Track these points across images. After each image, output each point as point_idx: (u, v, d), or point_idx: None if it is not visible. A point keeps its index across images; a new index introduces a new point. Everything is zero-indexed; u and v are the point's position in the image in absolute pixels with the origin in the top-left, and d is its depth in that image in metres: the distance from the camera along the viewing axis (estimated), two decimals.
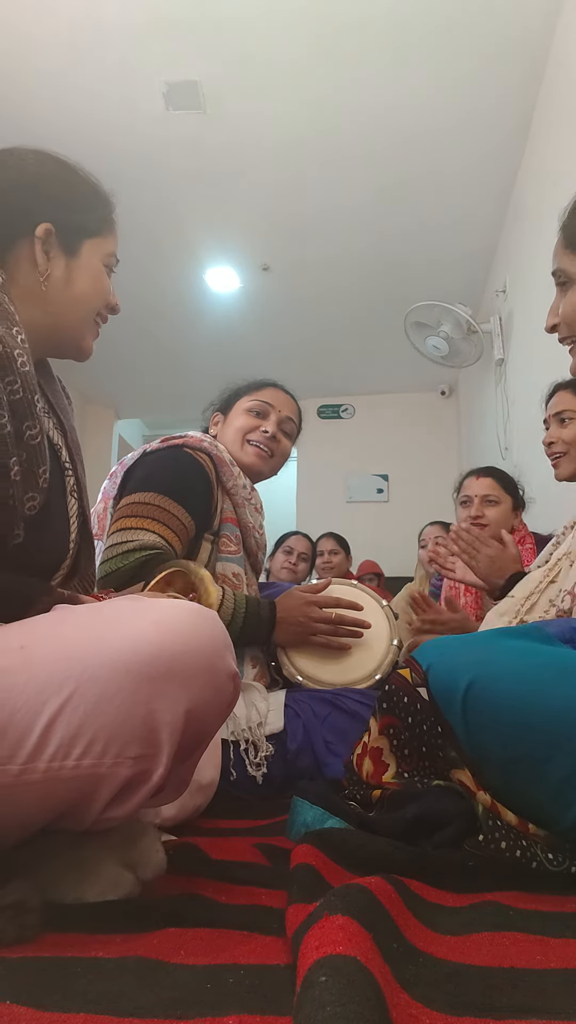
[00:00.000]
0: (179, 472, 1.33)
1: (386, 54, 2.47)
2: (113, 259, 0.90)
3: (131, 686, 0.58)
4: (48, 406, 0.88)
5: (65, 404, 0.93)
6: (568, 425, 1.59)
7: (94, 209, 0.88)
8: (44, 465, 0.75)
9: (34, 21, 2.37)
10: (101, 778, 0.58)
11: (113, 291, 0.91)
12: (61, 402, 0.92)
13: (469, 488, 2.10)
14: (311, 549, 3.44)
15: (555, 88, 2.39)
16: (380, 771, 0.82)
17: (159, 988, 0.45)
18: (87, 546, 0.88)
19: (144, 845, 0.67)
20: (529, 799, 0.71)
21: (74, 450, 0.90)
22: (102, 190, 0.91)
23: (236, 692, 0.68)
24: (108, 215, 0.90)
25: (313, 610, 1.33)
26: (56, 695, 0.57)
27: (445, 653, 0.79)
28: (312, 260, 3.66)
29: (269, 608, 1.33)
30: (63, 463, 0.87)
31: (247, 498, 1.45)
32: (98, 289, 0.88)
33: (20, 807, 0.58)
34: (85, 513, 0.88)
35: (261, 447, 1.49)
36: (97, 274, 0.87)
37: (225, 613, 1.25)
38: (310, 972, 0.39)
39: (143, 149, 2.92)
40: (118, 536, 1.21)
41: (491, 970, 0.48)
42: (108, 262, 0.90)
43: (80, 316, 0.87)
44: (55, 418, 0.89)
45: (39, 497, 0.74)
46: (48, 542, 0.80)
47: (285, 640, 1.34)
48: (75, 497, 0.87)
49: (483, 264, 3.62)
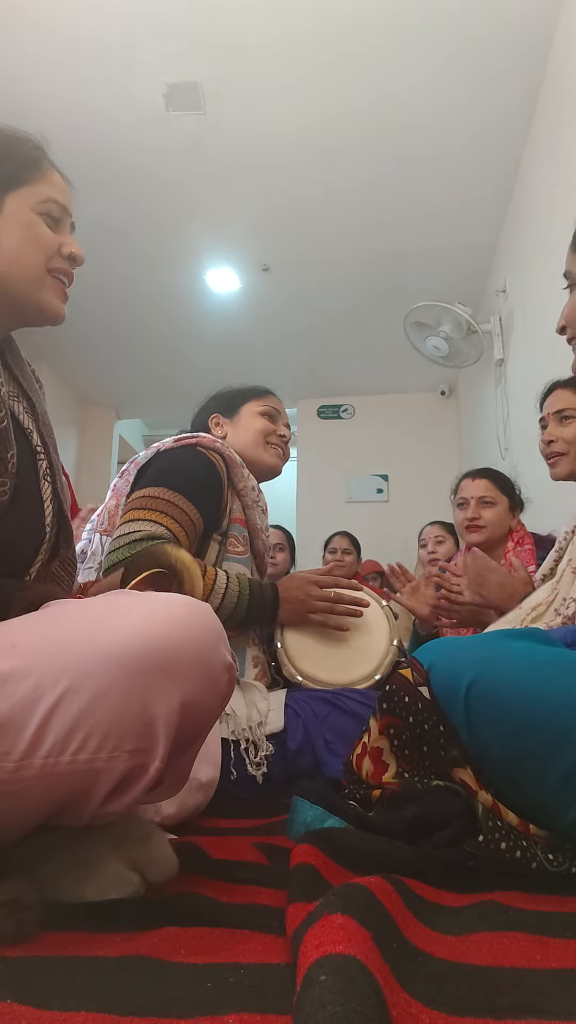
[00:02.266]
0: (191, 470, 1.34)
1: (386, 54, 2.47)
2: (52, 204, 0.82)
3: (125, 680, 0.58)
4: (18, 389, 0.86)
5: (36, 387, 0.90)
6: (569, 424, 1.57)
7: (5, 161, 0.80)
8: (11, 450, 0.74)
9: (34, 22, 2.37)
10: (98, 772, 0.58)
11: (71, 241, 0.84)
12: (32, 385, 0.89)
13: (465, 490, 2.09)
14: (287, 539, 3.43)
15: (556, 88, 2.38)
16: (380, 771, 0.82)
17: (159, 987, 0.45)
18: (64, 529, 0.88)
19: (153, 848, 0.67)
20: (530, 798, 0.71)
21: (46, 433, 0.88)
22: (17, 137, 0.84)
23: (231, 684, 0.68)
24: (29, 162, 0.82)
25: (313, 588, 1.36)
26: (50, 691, 0.57)
27: (447, 652, 0.80)
28: (312, 260, 3.66)
29: (272, 589, 1.35)
30: (35, 447, 0.85)
31: (256, 500, 1.46)
32: (34, 240, 0.80)
33: (17, 803, 0.58)
34: (59, 496, 0.87)
35: (280, 450, 1.54)
36: (28, 225, 0.80)
37: (231, 595, 1.26)
38: (310, 971, 0.39)
39: (143, 149, 2.92)
40: (125, 527, 1.22)
41: (491, 970, 0.48)
42: (44, 209, 0.81)
43: (23, 274, 0.80)
44: (26, 401, 0.87)
45: (9, 483, 0.73)
46: (24, 527, 0.80)
47: (286, 619, 1.36)
48: (48, 481, 0.86)
49: (483, 264, 3.62)
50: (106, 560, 1.19)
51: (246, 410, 1.54)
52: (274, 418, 1.55)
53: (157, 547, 0.92)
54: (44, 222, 0.81)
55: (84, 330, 4.14)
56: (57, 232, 0.83)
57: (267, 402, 1.55)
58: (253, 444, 1.50)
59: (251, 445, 1.50)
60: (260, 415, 1.53)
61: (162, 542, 1.18)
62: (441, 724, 0.76)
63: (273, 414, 1.55)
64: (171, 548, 0.91)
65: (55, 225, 0.83)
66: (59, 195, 0.83)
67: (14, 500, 0.76)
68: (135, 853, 0.66)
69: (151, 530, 1.20)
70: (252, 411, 1.54)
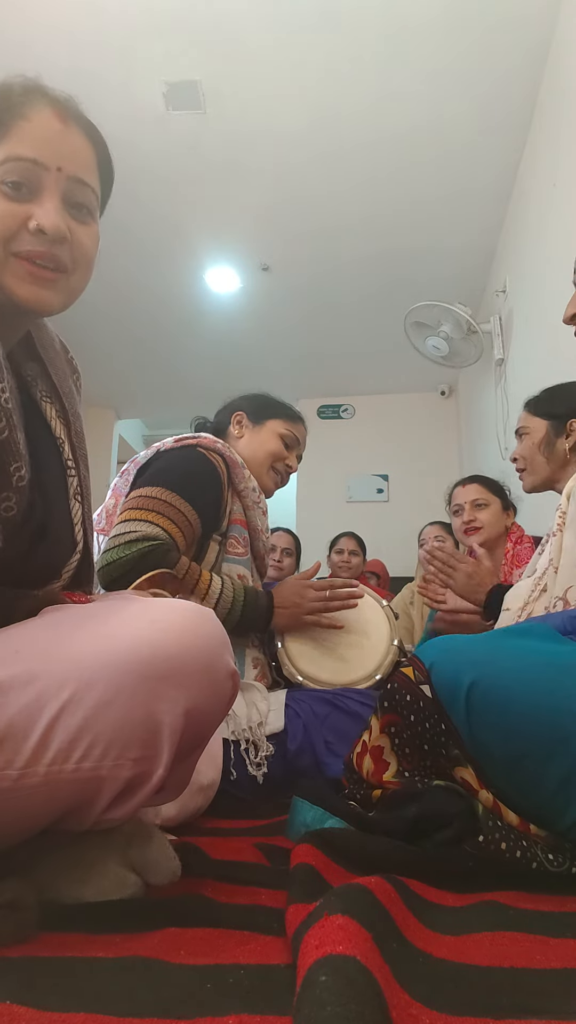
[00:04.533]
0: (190, 470, 1.34)
1: (386, 53, 2.47)
2: (12, 164, 0.66)
3: (130, 688, 0.57)
4: (50, 388, 0.78)
5: (71, 387, 0.80)
6: (523, 439, 1.64)
7: None
8: (19, 463, 0.65)
9: (34, 22, 2.37)
10: (102, 780, 0.58)
11: (44, 210, 0.66)
12: (66, 384, 0.79)
13: (458, 497, 2.19)
14: (295, 543, 3.43)
15: (556, 89, 2.38)
16: (381, 770, 0.82)
17: (159, 988, 0.45)
18: (88, 553, 0.81)
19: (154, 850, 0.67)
20: (531, 798, 0.71)
21: (77, 444, 0.78)
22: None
23: (235, 691, 0.67)
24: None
25: (307, 591, 1.38)
26: (54, 699, 0.56)
27: (448, 652, 0.80)
28: (312, 260, 3.66)
29: (267, 597, 1.36)
30: (65, 461, 0.77)
31: (256, 501, 1.47)
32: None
33: (21, 811, 0.58)
34: (88, 518, 0.80)
35: (283, 478, 1.57)
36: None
37: (225, 601, 1.27)
38: (310, 972, 0.39)
39: (143, 149, 2.92)
40: (121, 527, 1.22)
41: (491, 970, 0.48)
42: (0, 174, 0.66)
43: None
44: (58, 404, 0.78)
45: (15, 497, 0.65)
46: (44, 551, 0.72)
47: (281, 624, 1.37)
48: (78, 501, 0.78)
49: (483, 264, 3.62)
50: (101, 559, 1.18)
51: (271, 425, 1.55)
52: (290, 446, 1.56)
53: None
54: (2, 191, 0.66)
55: (84, 330, 4.13)
56: (28, 202, 0.67)
57: (293, 428, 1.56)
58: (260, 461, 1.52)
59: (258, 461, 1.52)
60: (280, 437, 1.54)
61: (157, 543, 1.18)
62: (442, 723, 0.76)
63: (291, 443, 1.56)
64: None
65: (21, 193, 0.66)
66: (30, 148, 0.66)
67: (35, 517, 0.69)
68: (136, 856, 0.66)
69: (147, 531, 1.20)
70: (275, 429, 1.54)
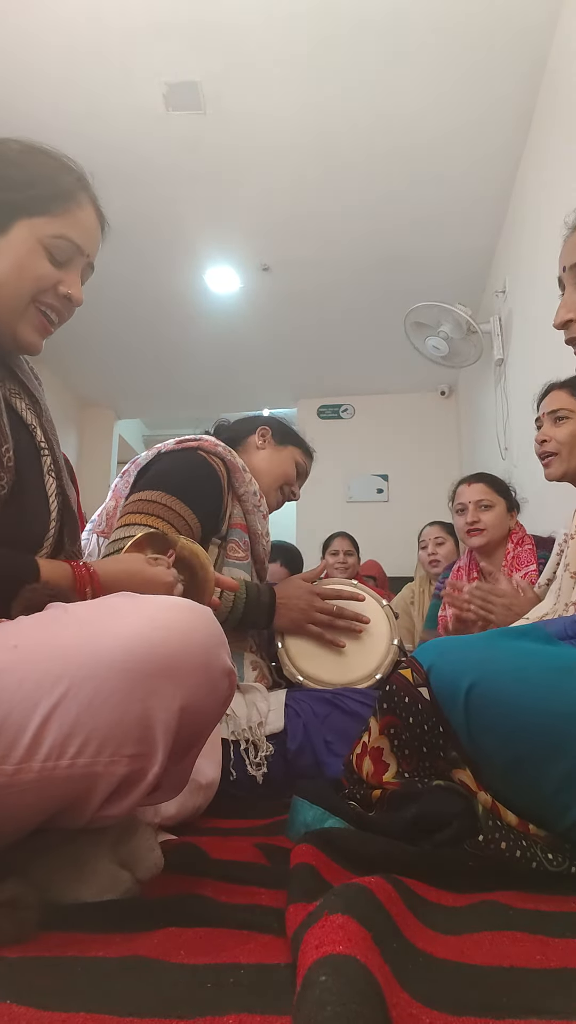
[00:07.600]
0: (189, 473, 1.33)
1: (386, 53, 2.47)
2: (62, 242, 0.82)
3: (125, 684, 0.58)
4: (20, 387, 0.87)
5: (36, 384, 0.91)
6: (563, 424, 1.55)
7: (33, 187, 0.81)
8: (7, 444, 0.75)
9: (33, 22, 2.36)
10: (97, 777, 0.58)
11: (73, 281, 0.84)
12: (32, 382, 0.90)
13: (462, 496, 2.14)
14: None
15: (554, 93, 2.38)
16: (380, 771, 0.82)
17: (159, 988, 0.45)
18: (70, 525, 0.89)
19: (137, 844, 0.67)
20: (530, 799, 0.71)
21: (49, 430, 0.89)
22: (61, 165, 0.84)
23: (231, 689, 0.67)
24: (60, 194, 0.82)
25: (316, 599, 1.36)
26: (49, 694, 0.56)
27: (446, 654, 0.80)
28: (312, 260, 3.66)
29: (269, 593, 1.35)
30: (38, 443, 0.86)
31: (256, 504, 1.46)
32: (24, 270, 0.80)
33: (15, 807, 0.58)
34: (65, 492, 0.88)
35: (284, 501, 1.63)
36: (25, 254, 0.80)
37: (225, 601, 1.26)
38: (310, 971, 0.39)
39: (143, 149, 2.92)
40: (121, 531, 1.21)
41: (491, 970, 0.48)
42: (52, 244, 0.81)
43: (3, 301, 0.80)
44: (28, 398, 0.88)
45: (6, 477, 0.74)
46: (27, 522, 0.81)
47: (283, 625, 1.36)
48: (52, 476, 0.87)
49: (483, 264, 3.62)
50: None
51: (291, 451, 1.61)
52: (299, 475, 1.63)
53: (184, 539, 0.93)
54: (46, 256, 0.81)
55: (84, 330, 4.13)
56: (62, 270, 0.82)
57: (306, 462, 1.65)
58: (274, 477, 1.56)
59: (272, 476, 1.55)
60: (295, 463, 1.61)
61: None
62: (440, 726, 0.76)
63: (301, 472, 1.63)
64: (189, 541, 0.93)
65: (60, 262, 0.82)
66: (77, 235, 0.83)
67: (15, 494, 0.76)
68: (123, 850, 0.66)
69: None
70: (293, 455, 1.61)
